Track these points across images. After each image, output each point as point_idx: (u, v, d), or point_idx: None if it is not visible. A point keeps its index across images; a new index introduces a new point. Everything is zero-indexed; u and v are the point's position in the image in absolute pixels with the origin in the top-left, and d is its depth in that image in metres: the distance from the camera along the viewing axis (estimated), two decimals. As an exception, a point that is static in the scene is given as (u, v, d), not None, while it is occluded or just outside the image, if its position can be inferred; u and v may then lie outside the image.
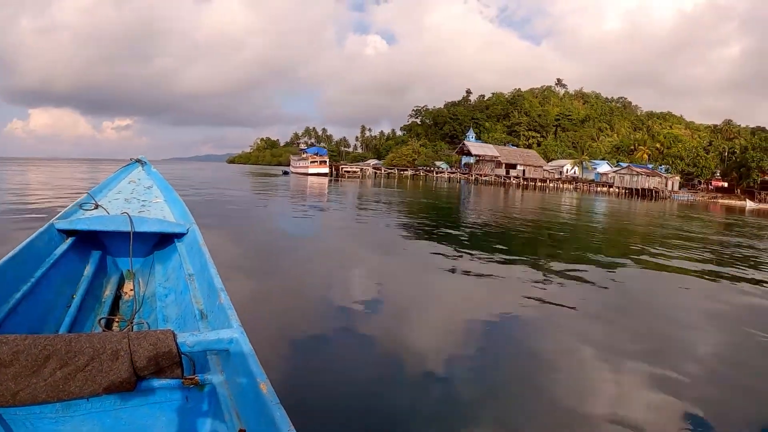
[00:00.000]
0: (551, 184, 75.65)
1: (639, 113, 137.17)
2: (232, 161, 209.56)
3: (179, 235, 3.51)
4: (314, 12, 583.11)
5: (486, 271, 7.19)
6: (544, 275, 7.10)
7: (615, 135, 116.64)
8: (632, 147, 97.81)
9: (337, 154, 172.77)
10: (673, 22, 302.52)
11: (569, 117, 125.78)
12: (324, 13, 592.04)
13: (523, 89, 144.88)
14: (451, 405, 3.11)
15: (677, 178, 66.33)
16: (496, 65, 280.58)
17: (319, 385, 3.28)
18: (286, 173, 62.16)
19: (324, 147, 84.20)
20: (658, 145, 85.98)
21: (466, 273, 7.03)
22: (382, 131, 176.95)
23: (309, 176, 54.93)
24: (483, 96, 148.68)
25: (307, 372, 3.45)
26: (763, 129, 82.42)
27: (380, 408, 3.05)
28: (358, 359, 3.75)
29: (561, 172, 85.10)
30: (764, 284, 7.66)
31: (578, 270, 7.69)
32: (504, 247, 10.13)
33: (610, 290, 6.58)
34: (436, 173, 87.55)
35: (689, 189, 70.16)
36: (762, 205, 50.48)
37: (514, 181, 78.16)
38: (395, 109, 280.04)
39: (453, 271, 7.17)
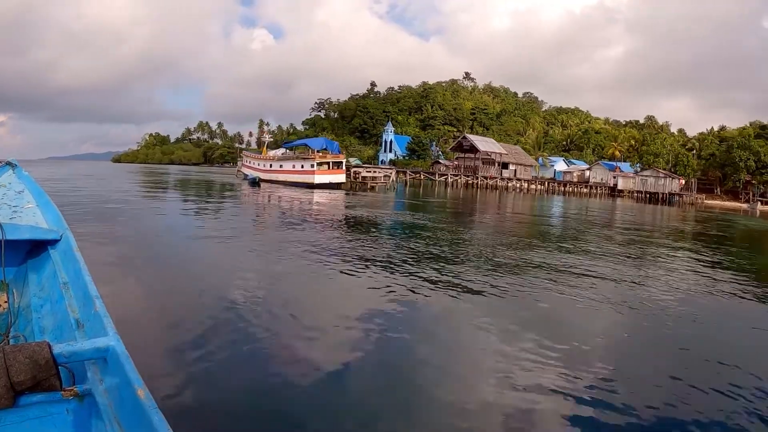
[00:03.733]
0: (538, 186, 63.65)
1: (546, 108, 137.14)
2: (117, 160, 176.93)
3: (53, 242, 3.27)
4: (201, 3, 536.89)
5: None
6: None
7: (531, 130, 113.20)
8: (581, 143, 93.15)
9: (234, 152, 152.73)
10: (561, 23, 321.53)
11: (485, 111, 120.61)
12: (211, 4, 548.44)
13: (413, 84, 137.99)
14: (329, 401, 3.44)
15: (693, 180, 59.02)
16: (386, 60, 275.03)
17: (202, 386, 3.49)
18: (254, 182, 37.64)
19: (330, 139, 52.96)
20: (632, 142, 78.15)
21: None
22: (279, 126, 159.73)
23: (312, 188, 33.44)
24: (392, 88, 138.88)
25: (190, 374, 3.64)
26: (761, 124, 77.60)
27: (261, 405, 3.33)
28: (240, 361, 3.96)
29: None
30: None
31: None
32: None
33: None
34: (439, 176, 67.39)
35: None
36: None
37: (517, 185, 63.70)
38: (283, 104, 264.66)
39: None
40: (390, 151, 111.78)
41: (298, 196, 26.41)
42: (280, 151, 43.69)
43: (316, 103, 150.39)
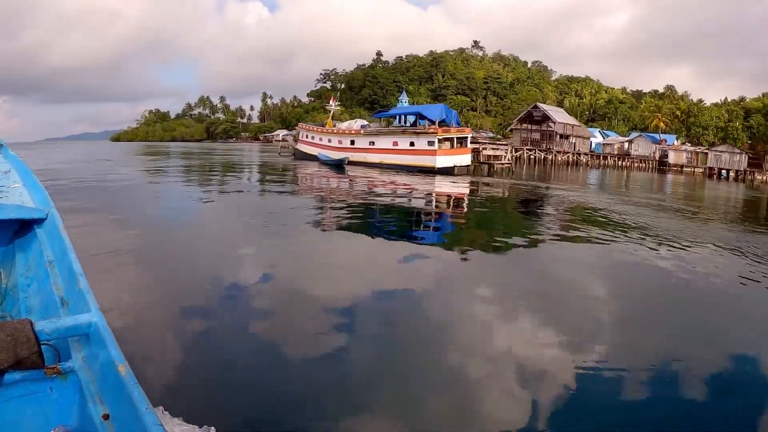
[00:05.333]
0: (606, 161, 57.91)
1: (557, 77, 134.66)
2: (116, 139, 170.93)
3: (39, 221, 3.26)
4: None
5: None
6: None
7: (549, 100, 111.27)
8: (606, 113, 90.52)
9: (237, 126, 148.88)
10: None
11: (498, 80, 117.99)
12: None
13: (420, 53, 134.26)
14: (311, 381, 3.45)
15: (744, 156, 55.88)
16: (385, 31, 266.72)
17: (185, 361, 3.59)
18: (340, 164, 28.93)
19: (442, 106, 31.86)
20: (678, 113, 73.46)
21: None
22: (283, 98, 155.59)
23: (432, 174, 25.38)
24: (401, 57, 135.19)
25: (175, 350, 3.76)
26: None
27: (240, 382, 3.38)
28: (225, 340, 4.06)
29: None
30: None
31: None
32: None
33: None
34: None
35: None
36: None
37: (583, 159, 58.00)
38: (281, 78, 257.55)
39: None
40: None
41: (425, 187, 19.59)
42: (356, 124, 34.04)
43: (321, 74, 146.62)
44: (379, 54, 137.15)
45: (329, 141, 32.83)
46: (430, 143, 26.28)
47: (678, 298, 6.24)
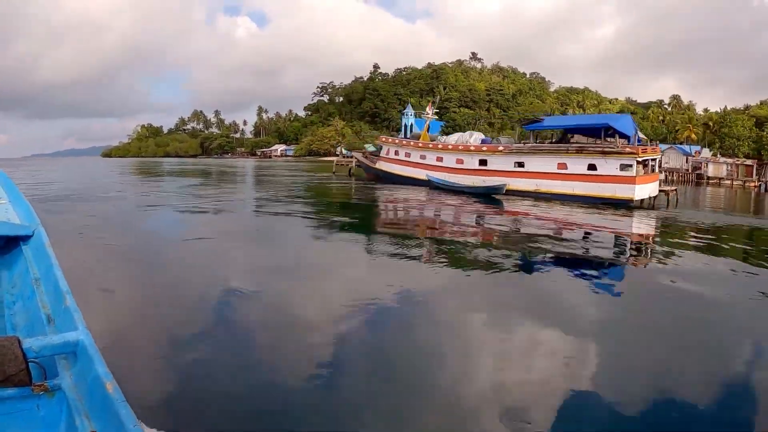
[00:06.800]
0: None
1: (556, 88, 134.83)
2: (108, 155, 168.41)
3: (25, 238, 3.27)
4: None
5: None
6: None
7: (556, 112, 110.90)
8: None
9: (232, 141, 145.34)
10: (551, 3, 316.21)
11: (501, 92, 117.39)
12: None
13: (418, 65, 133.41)
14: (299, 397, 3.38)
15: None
16: (374, 43, 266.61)
17: (173, 379, 3.55)
18: (493, 193, 21.54)
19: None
20: (711, 124, 72.00)
21: None
22: (278, 112, 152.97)
23: (628, 209, 18.48)
24: (400, 69, 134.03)
25: (167, 367, 3.74)
26: None
27: (229, 400, 3.28)
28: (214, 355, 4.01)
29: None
30: None
31: None
32: None
33: None
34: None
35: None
36: None
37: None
38: (272, 92, 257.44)
39: None
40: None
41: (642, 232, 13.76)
42: (471, 137, 26.53)
43: (318, 87, 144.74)
44: (376, 66, 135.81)
45: (439, 160, 25.28)
46: (625, 167, 19.28)
47: None
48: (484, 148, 24.06)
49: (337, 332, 4.87)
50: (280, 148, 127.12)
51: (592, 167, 20.29)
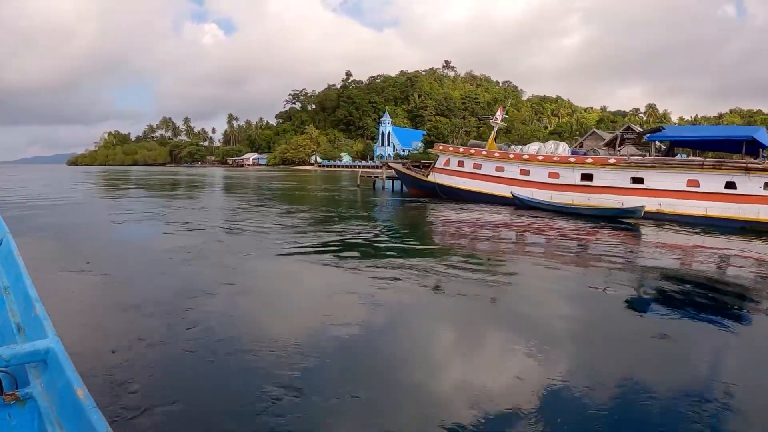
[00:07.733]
0: None
1: (528, 96, 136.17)
2: (74, 162, 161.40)
3: None
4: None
5: None
6: None
7: (546, 119, 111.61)
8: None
9: (202, 150, 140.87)
10: (518, 13, 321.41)
11: (476, 100, 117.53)
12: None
13: (387, 73, 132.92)
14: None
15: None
16: (343, 52, 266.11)
17: (144, 384, 3.36)
18: (625, 216, 17.27)
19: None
20: None
21: None
22: (248, 120, 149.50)
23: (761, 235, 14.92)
24: (374, 77, 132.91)
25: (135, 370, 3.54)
26: None
27: (203, 406, 3.14)
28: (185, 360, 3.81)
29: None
30: None
31: None
32: None
33: None
34: None
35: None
36: None
37: None
38: (240, 100, 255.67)
39: None
40: (388, 145, 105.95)
41: None
42: (558, 148, 22.70)
43: (290, 94, 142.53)
44: (348, 74, 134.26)
45: (524, 173, 21.14)
46: None
47: None
48: (590, 160, 19.95)
49: None
50: (252, 156, 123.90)
51: (730, 185, 17.36)
